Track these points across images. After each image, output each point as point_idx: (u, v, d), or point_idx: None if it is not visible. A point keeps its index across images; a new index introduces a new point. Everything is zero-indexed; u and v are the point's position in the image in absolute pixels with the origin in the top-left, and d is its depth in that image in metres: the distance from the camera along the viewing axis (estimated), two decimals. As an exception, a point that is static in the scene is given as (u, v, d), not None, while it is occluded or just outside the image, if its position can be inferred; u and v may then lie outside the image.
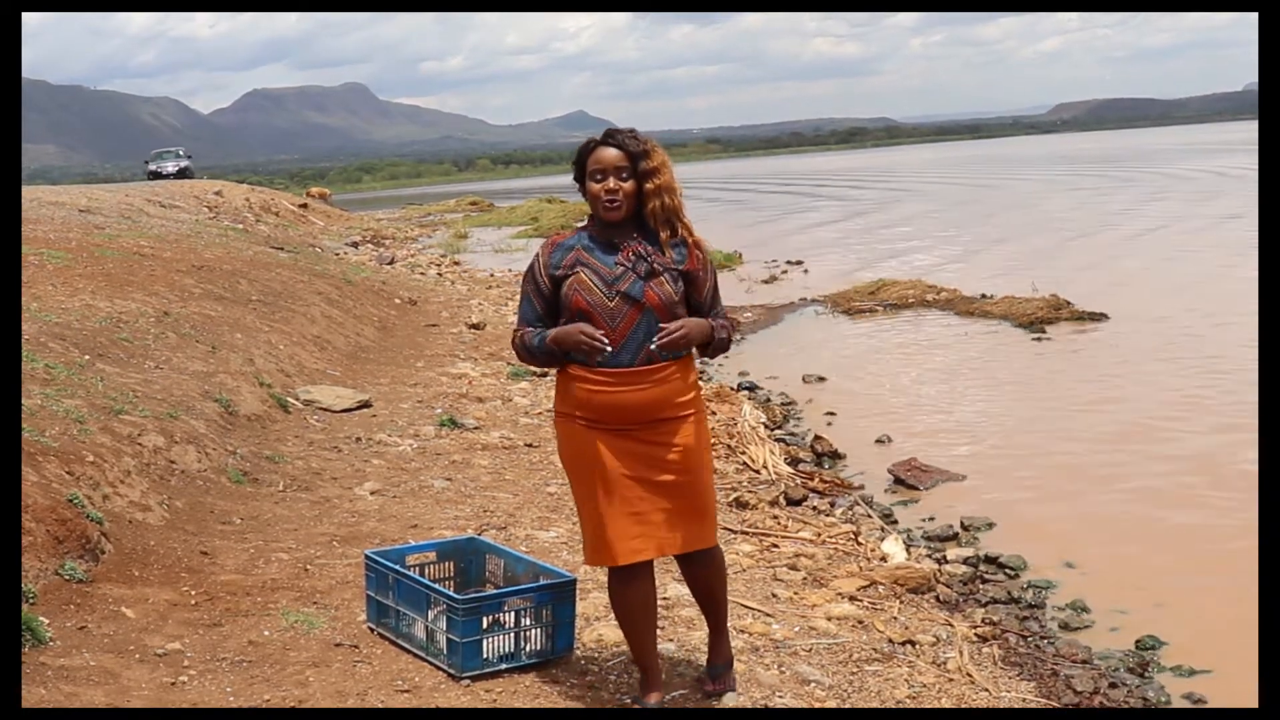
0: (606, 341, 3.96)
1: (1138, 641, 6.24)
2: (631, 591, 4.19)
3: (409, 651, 4.70)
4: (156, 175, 50.40)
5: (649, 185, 4.03)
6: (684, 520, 4.12)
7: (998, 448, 10.34)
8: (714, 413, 10.00)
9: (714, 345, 4.15)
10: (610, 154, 4.04)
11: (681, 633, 5.19)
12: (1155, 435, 10.40)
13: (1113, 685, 5.71)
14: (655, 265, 4.03)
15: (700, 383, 4.38)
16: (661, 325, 4.00)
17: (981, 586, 7.04)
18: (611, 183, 4.02)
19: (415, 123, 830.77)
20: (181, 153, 55.70)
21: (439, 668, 4.54)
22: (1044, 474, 9.46)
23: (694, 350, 4.17)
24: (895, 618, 6.01)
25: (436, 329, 14.46)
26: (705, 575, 4.36)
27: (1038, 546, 7.69)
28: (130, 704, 4.07)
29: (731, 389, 11.84)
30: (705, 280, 4.15)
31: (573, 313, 4.04)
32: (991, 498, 8.81)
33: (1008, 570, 7.33)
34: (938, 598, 6.63)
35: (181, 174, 50.21)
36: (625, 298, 4.01)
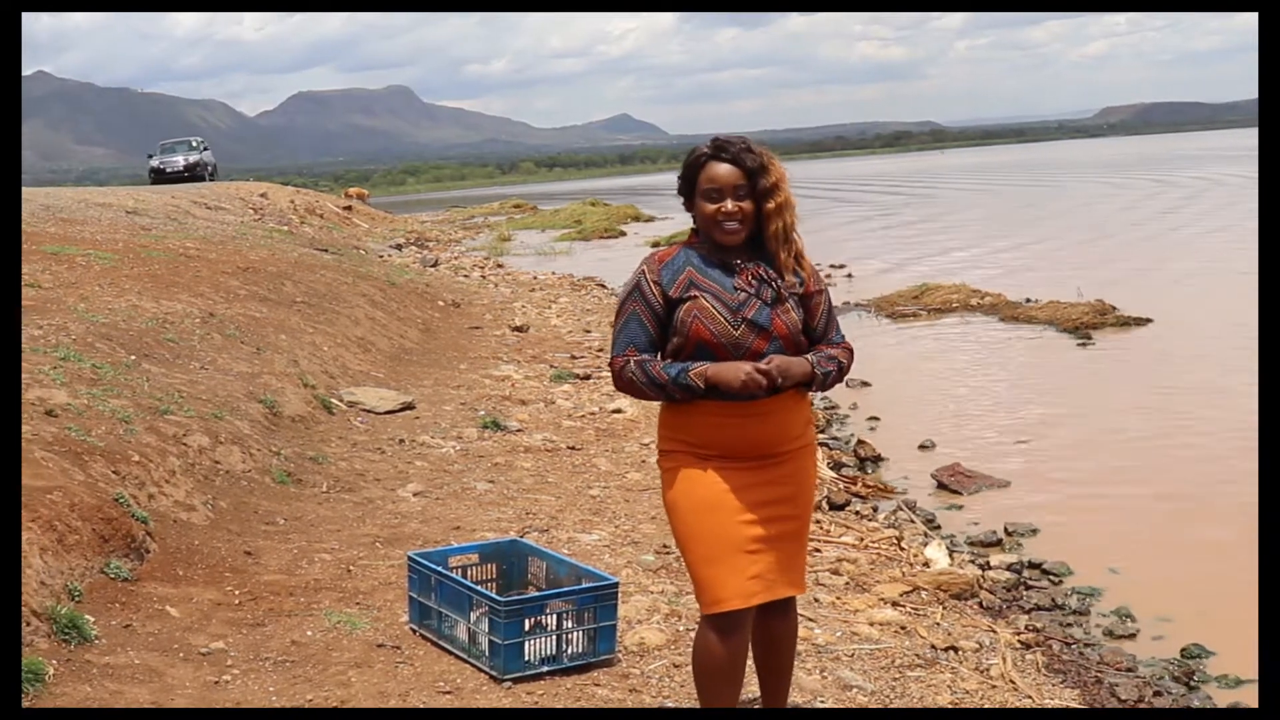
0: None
1: (1183, 650, 6.18)
2: (729, 646, 3.66)
3: (451, 653, 4.71)
4: (160, 175, 37.14)
5: (769, 205, 3.63)
6: (789, 559, 3.74)
7: (1041, 454, 10.26)
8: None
9: (817, 383, 3.68)
10: (726, 171, 3.62)
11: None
12: (1201, 442, 10.30)
13: (1157, 694, 5.65)
14: (781, 290, 3.65)
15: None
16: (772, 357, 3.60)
17: (1025, 593, 7.00)
18: (729, 204, 3.61)
19: (459, 125, 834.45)
20: (195, 143, 41.60)
21: (481, 670, 4.55)
22: (1088, 480, 9.38)
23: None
24: (938, 623, 5.97)
25: (479, 331, 14.52)
26: (781, 629, 3.90)
27: (1082, 553, 7.63)
28: (174, 703, 4.10)
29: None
30: (821, 303, 3.76)
31: (692, 342, 3.62)
32: (1035, 504, 8.75)
33: (1051, 577, 7.28)
34: (981, 604, 6.60)
35: (191, 172, 37.29)
36: (752, 326, 3.60)
